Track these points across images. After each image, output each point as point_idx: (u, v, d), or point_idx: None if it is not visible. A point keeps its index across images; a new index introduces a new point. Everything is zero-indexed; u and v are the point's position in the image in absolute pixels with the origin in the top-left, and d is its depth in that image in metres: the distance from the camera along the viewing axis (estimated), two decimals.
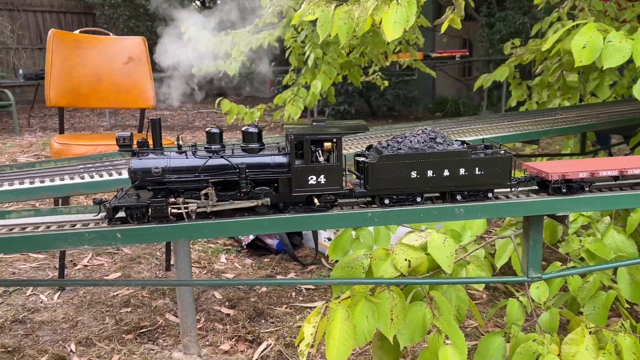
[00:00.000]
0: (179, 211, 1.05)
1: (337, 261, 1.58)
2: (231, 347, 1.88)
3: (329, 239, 2.64)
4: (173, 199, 1.05)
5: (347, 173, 1.21)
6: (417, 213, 1.15)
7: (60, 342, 1.87)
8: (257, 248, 2.72)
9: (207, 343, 1.90)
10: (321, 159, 1.11)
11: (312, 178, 1.10)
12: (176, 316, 2.08)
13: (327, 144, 1.10)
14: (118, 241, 1.03)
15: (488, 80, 4.10)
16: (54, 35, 2.43)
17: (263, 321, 2.07)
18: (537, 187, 1.28)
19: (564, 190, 1.21)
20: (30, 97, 9.14)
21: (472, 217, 1.24)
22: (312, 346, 1.25)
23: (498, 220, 2.84)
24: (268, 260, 2.63)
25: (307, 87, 5.03)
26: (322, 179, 1.11)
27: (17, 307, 2.09)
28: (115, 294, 2.25)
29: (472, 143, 1.25)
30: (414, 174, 1.14)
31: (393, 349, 1.53)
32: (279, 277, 2.46)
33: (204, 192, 1.06)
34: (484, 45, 10.09)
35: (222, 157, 1.09)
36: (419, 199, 1.17)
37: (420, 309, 1.44)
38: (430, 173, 1.14)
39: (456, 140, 1.22)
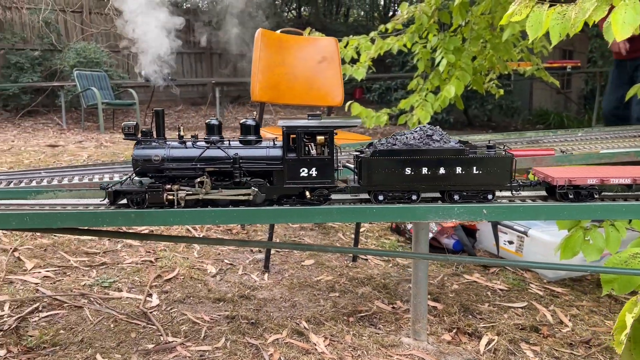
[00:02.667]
0: (174, 197, 1.10)
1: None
2: (452, 338, 1.93)
3: (510, 242, 2.63)
4: (169, 186, 1.10)
5: (344, 168, 1.23)
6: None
7: (290, 318, 1.99)
8: (432, 247, 2.76)
9: (427, 332, 1.96)
10: (313, 152, 1.12)
11: (303, 170, 1.11)
12: (385, 304, 2.16)
13: (320, 138, 1.11)
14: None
15: None
16: (261, 34, 2.61)
17: (470, 316, 2.10)
18: (545, 193, 1.22)
19: (570, 197, 1.15)
20: (142, 98, 9.78)
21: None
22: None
23: None
24: None
25: (434, 92, 5.06)
26: (313, 172, 1.11)
27: (237, 284, 2.25)
28: (317, 279, 2.36)
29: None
30: (408, 171, 1.11)
31: None
32: (465, 275, 2.49)
33: (198, 180, 1.11)
34: (594, 57, 9.68)
35: (218, 147, 1.14)
36: (414, 197, 1.14)
37: None
38: (425, 170, 1.11)
39: (456, 140, 1.17)
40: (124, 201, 1.16)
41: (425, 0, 4.99)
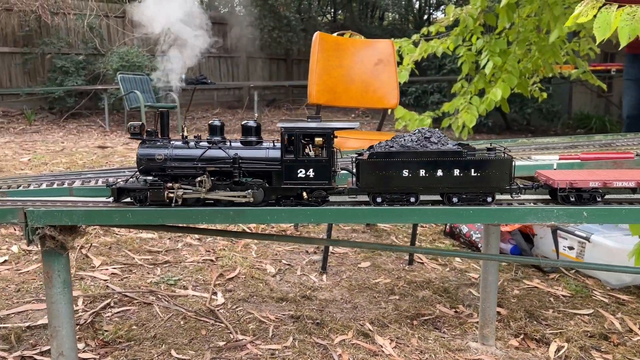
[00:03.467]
0: (175, 195, 1.12)
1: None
2: (520, 344, 1.90)
3: (570, 248, 2.57)
4: (170, 184, 1.13)
5: (343, 171, 1.24)
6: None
7: (353, 320, 2.00)
8: None
9: (494, 337, 1.93)
10: (311, 153, 1.13)
11: (301, 171, 1.12)
12: (447, 307, 2.14)
13: (319, 140, 1.12)
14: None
15: None
16: (319, 38, 2.63)
17: (536, 322, 2.06)
18: (549, 196, 1.21)
19: (572, 200, 1.13)
20: (181, 101, 9.97)
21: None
22: None
23: None
24: (506, 264, 2.62)
25: (479, 95, 5.02)
26: (310, 173, 1.12)
27: (297, 285, 2.27)
28: (375, 281, 2.36)
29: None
30: (405, 173, 1.11)
31: None
32: (525, 280, 2.45)
33: (198, 179, 1.13)
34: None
35: (219, 148, 1.16)
36: (412, 199, 1.14)
37: None
38: (422, 172, 1.11)
39: (454, 143, 1.17)
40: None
41: (471, 2, 4.96)
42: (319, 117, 1.17)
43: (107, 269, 2.26)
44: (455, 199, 1.14)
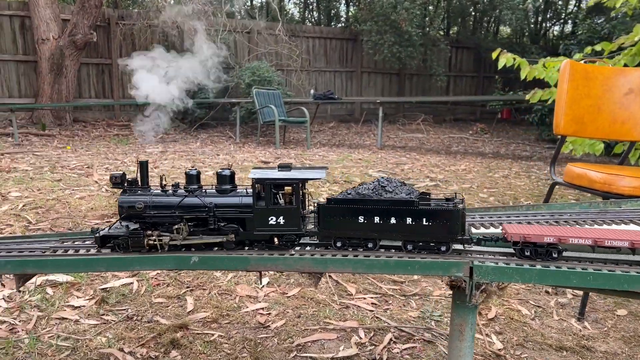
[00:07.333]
0: (154, 243, 1.18)
1: None
2: None
3: None
4: (150, 232, 1.18)
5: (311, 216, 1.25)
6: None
7: None
8: None
9: None
10: (281, 201, 1.17)
11: (272, 219, 1.17)
12: None
13: (288, 188, 1.16)
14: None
15: None
16: (569, 66, 2.48)
17: None
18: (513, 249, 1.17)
19: (527, 254, 1.13)
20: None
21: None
22: None
23: None
24: None
25: None
26: (281, 220, 1.17)
27: (563, 331, 2.12)
28: None
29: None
30: (361, 219, 1.16)
31: None
32: None
33: (176, 226, 1.19)
34: None
35: (196, 196, 1.21)
36: (370, 245, 1.17)
37: None
38: (377, 219, 1.15)
39: (411, 191, 1.17)
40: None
41: None
42: (289, 165, 1.22)
43: (364, 298, 2.24)
44: (409, 247, 1.17)
